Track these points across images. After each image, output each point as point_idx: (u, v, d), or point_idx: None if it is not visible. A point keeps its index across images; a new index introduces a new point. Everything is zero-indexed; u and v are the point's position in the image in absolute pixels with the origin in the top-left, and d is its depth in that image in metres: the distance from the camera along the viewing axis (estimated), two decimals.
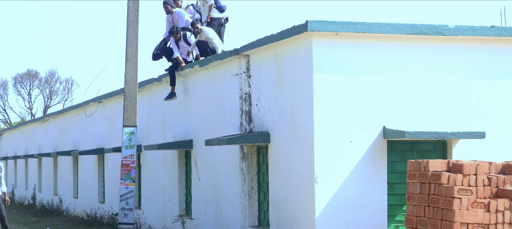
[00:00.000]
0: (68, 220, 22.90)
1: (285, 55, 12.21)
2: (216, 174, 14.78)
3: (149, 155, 18.50)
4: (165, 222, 17.20)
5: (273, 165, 12.65)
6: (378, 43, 11.63)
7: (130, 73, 15.49)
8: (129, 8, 15.55)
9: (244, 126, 13.64)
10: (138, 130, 17.79)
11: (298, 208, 11.80)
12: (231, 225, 14.04)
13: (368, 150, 11.55)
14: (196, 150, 15.71)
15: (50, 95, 72.96)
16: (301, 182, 11.72)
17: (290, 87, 12.04)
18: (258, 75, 13.10)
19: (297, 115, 11.83)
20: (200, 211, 15.45)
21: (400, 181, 11.86)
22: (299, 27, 11.47)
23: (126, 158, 15.43)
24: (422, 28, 11.63)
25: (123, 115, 15.69)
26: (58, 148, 27.94)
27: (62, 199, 27.17)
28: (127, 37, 15.57)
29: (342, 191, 11.42)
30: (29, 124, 34.29)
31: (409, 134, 11.20)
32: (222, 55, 14.11)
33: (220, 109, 14.57)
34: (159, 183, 17.79)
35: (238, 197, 13.80)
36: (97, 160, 23.16)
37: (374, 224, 11.53)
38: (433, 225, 10.14)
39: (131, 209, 15.37)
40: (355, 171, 11.49)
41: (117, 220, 19.70)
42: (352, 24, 11.40)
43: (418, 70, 11.79)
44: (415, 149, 11.96)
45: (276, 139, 12.51)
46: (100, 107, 22.33)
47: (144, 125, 18.54)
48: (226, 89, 14.30)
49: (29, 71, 72.60)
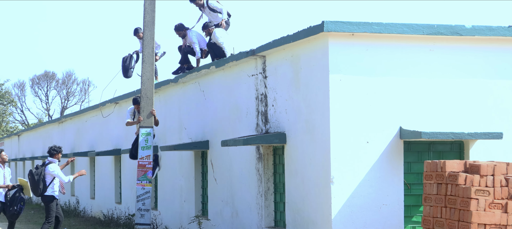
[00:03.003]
0: (85, 221, 22.99)
1: (301, 55, 12.20)
2: (232, 175, 14.80)
3: (166, 156, 18.54)
4: (182, 222, 17.23)
5: (289, 166, 12.65)
6: (394, 44, 11.60)
7: (146, 74, 15.53)
8: (146, 9, 15.59)
9: (260, 126, 13.64)
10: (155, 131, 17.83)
11: (314, 208, 11.79)
12: (247, 226, 14.05)
13: (385, 151, 11.52)
14: (212, 151, 15.73)
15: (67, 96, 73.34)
16: (318, 182, 11.71)
17: (306, 87, 12.03)
18: (274, 75, 13.11)
19: (314, 115, 11.82)
20: (217, 211, 15.47)
21: (416, 181, 11.82)
22: (315, 27, 11.46)
23: (143, 159, 15.46)
24: (439, 28, 11.59)
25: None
26: (75, 149, 28.06)
27: (79, 199, 27.30)
28: (144, 39, 15.61)
29: (358, 191, 11.40)
30: (46, 125, 34.47)
31: (426, 134, 11.16)
32: (238, 56, 14.13)
33: (236, 110, 14.59)
34: (176, 184, 17.83)
35: (254, 197, 13.81)
36: (114, 161, 23.24)
37: (390, 225, 11.50)
38: (450, 226, 10.10)
39: (148, 209, 15.41)
40: (371, 172, 11.46)
41: (133, 220, 19.76)
42: (368, 24, 11.38)
43: (435, 71, 11.75)
44: (431, 150, 11.92)
45: (292, 140, 12.51)
46: (116, 108, 22.41)
47: (160, 126, 18.56)
48: (242, 90, 14.31)
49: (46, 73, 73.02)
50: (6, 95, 65.73)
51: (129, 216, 20.17)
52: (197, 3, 16.78)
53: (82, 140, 27.23)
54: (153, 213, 18.96)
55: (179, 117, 17.52)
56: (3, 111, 65.54)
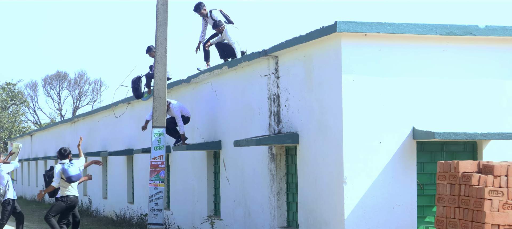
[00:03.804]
0: (97, 221, 23.06)
1: (313, 56, 12.20)
2: (245, 175, 14.81)
3: (178, 156, 18.58)
4: (194, 222, 17.26)
5: (302, 166, 12.65)
6: (407, 44, 11.58)
7: (159, 74, 15.56)
8: (158, 9, 15.62)
9: (272, 127, 13.65)
10: None
11: (327, 209, 11.79)
12: (259, 226, 14.06)
13: (397, 151, 11.51)
14: (224, 151, 15.75)
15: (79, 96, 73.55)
16: (330, 183, 11.71)
17: (319, 88, 12.03)
18: (286, 76, 13.11)
19: (326, 116, 11.82)
20: (229, 212, 15.49)
21: (429, 182, 11.80)
22: (328, 28, 11.46)
23: (156, 159, 15.50)
24: (452, 29, 11.56)
25: (152, 116, 15.75)
26: (87, 149, 28.15)
27: (92, 199, 27.38)
28: (156, 39, 15.64)
29: (371, 192, 11.40)
30: (59, 125, 34.59)
31: (439, 135, 11.14)
32: (250, 56, 14.14)
33: (249, 110, 14.60)
34: (188, 184, 17.86)
35: (266, 198, 13.82)
36: (126, 161, 23.30)
37: (403, 225, 11.48)
38: (463, 226, 10.07)
39: (160, 209, 15.44)
40: (384, 172, 11.45)
41: (146, 220, 19.80)
42: (381, 24, 11.37)
43: (448, 71, 11.72)
44: (444, 150, 11.89)
45: (304, 140, 12.51)
46: (129, 108, 22.46)
47: None
48: (255, 90, 14.32)
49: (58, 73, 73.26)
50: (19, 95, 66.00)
51: (141, 216, 20.23)
52: (201, 13, 16.71)
53: (94, 140, 27.32)
54: (165, 213, 19.00)
55: (192, 117, 17.54)
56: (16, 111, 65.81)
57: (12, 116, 65.10)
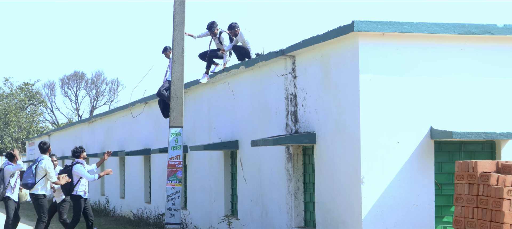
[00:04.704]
0: (115, 220, 23.14)
1: (331, 55, 12.19)
2: (262, 175, 14.82)
3: (195, 156, 18.61)
4: (211, 222, 17.29)
5: (319, 166, 12.64)
6: (425, 43, 11.54)
7: (176, 74, 15.60)
8: (175, 9, 15.66)
9: (289, 126, 13.65)
10: (184, 131, 17.91)
11: (345, 208, 11.77)
12: (277, 226, 14.06)
13: (415, 151, 11.47)
14: (241, 151, 15.77)
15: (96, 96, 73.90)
16: (348, 182, 11.69)
17: (336, 87, 12.02)
18: (303, 75, 13.10)
19: (344, 115, 11.81)
20: (246, 211, 15.50)
21: (447, 182, 11.75)
22: (345, 27, 11.44)
23: (173, 159, 15.54)
24: (470, 28, 11.51)
25: (169, 116, 15.80)
26: (104, 148, 28.26)
27: (109, 199, 27.49)
28: (173, 39, 15.67)
29: (388, 191, 11.37)
30: (76, 125, 34.75)
31: (457, 134, 11.10)
32: (267, 56, 14.15)
33: (266, 110, 14.60)
34: (205, 184, 17.89)
35: (284, 197, 13.82)
36: (144, 161, 23.38)
37: (421, 225, 11.44)
38: (482, 226, 10.03)
39: (178, 209, 15.48)
40: (402, 172, 11.42)
41: (163, 220, 19.85)
42: (399, 24, 11.34)
43: (466, 70, 11.67)
44: (462, 150, 11.84)
45: (322, 140, 12.50)
46: (146, 108, 22.53)
47: (190, 126, 18.66)
48: (272, 90, 14.33)
49: (75, 73, 73.65)
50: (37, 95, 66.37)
51: (158, 216, 20.28)
52: (212, 31, 17.03)
53: (111, 139, 27.41)
54: (182, 213, 19.04)
55: (209, 117, 17.58)
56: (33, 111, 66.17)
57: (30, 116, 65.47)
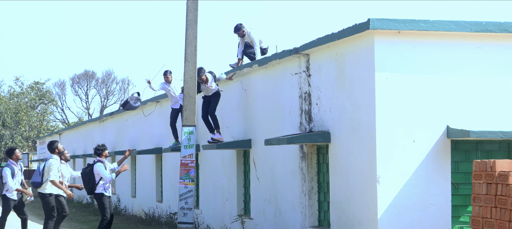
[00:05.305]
0: (126, 219, 23.09)
1: (346, 53, 12.08)
2: (275, 174, 14.72)
3: (207, 155, 18.53)
4: (224, 221, 17.20)
5: (333, 165, 12.53)
6: (441, 41, 11.42)
7: (189, 73, 15.51)
8: (188, 7, 15.57)
9: (303, 125, 13.55)
10: (196, 129, 17.84)
11: (360, 208, 11.67)
12: (290, 225, 13.97)
13: (431, 150, 11.35)
14: (254, 150, 15.67)
15: (107, 95, 73.96)
16: (363, 182, 11.58)
17: (351, 86, 11.91)
18: (318, 74, 13.00)
19: (359, 114, 11.70)
20: (259, 211, 15.41)
21: (464, 181, 11.63)
22: (361, 25, 11.33)
23: (186, 158, 15.45)
24: (487, 26, 11.38)
25: (182, 114, 15.72)
26: (116, 147, 28.22)
27: (120, 198, 27.44)
28: (186, 37, 15.58)
29: (404, 191, 11.25)
30: (87, 124, 34.73)
31: (474, 133, 10.97)
32: (281, 54, 14.05)
33: (279, 109, 14.51)
34: (217, 183, 17.81)
35: (297, 197, 13.72)
36: (155, 160, 23.31)
37: (437, 225, 11.33)
38: (500, 226, 9.90)
39: (190, 208, 15.40)
40: (418, 171, 11.30)
41: (175, 219, 19.78)
42: (415, 22, 11.22)
43: (483, 69, 11.54)
44: (479, 149, 11.71)
45: (336, 139, 12.39)
46: (158, 106, 22.47)
47: (202, 124, 18.57)
48: (285, 88, 14.23)
49: (86, 72, 73.76)
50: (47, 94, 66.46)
51: (170, 215, 20.21)
52: (240, 33, 17.15)
53: (123, 138, 27.36)
54: (194, 212, 18.97)
55: (221, 115, 17.49)
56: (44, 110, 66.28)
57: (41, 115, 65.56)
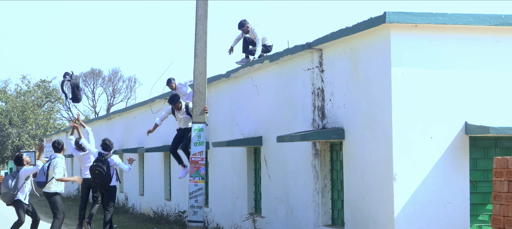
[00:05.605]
0: (134, 218, 22.85)
1: (360, 48, 11.79)
2: (287, 172, 14.44)
3: (217, 152, 18.26)
4: (234, 220, 16.93)
5: (348, 162, 12.24)
6: (459, 35, 11.12)
7: (199, 69, 15.23)
8: (198, 3, 15.28)
9: (316, 122, 13.26)
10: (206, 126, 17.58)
11: (376, 206, 11.38)
12: (303, 224, 13.68)
13: (449, 147, 11.06)
14: (265, 147, 15.39)
15: (113, 93, 73.76)
16: (379, 179, 11.29)
17: (366, 81, 11.62)
18: (331, 69, 12.71)
19: (374, 110, 11.40)
20: (270, 209, 15.13)
21: (483, 179, 11.33)
22: (377, 19, 11.04)
23: (196, 155, 15.17)
24: (507, 19, 11.08)
25: (192, 111, 15.44)
26: (123, 145, 27.97)
27: (128, 196, 27.19)
28: (196, 32, 15.30)
29: (422, 189, 10.96)
30: (94, 121, 34.50)
31: (494, 130, 10.67)
32: (293, 49, 13.77)
33: (291, 105, 14.22)
34: (227, 181, 17.53)
35: (310, 195, 13.43)
36: (163, 158, 23.06)
37: (455, 223, 11.03)
38: None
39: (200, 206, 15.12)
40: (435, 169, 11.01)
41: (184, 217, 19.53)
42: (432, 15, 10.92)
43: (502, 63, 11.24)
44: (498, 146, 11.41)
45: (351, 135, 12.11)
46: (166, 104, 22.19)
47: (212, 121, 18.32)
48: (298, 84, 13.94)
49: (93, 70, 73.54)
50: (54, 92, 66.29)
51: (179, 213, 19.95)
52: (244, 30, 17.00)
53: (130, 136, 27.11)
54: (204, 210, 18.70)
55: (231, 112, 17.22)
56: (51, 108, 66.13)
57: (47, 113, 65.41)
